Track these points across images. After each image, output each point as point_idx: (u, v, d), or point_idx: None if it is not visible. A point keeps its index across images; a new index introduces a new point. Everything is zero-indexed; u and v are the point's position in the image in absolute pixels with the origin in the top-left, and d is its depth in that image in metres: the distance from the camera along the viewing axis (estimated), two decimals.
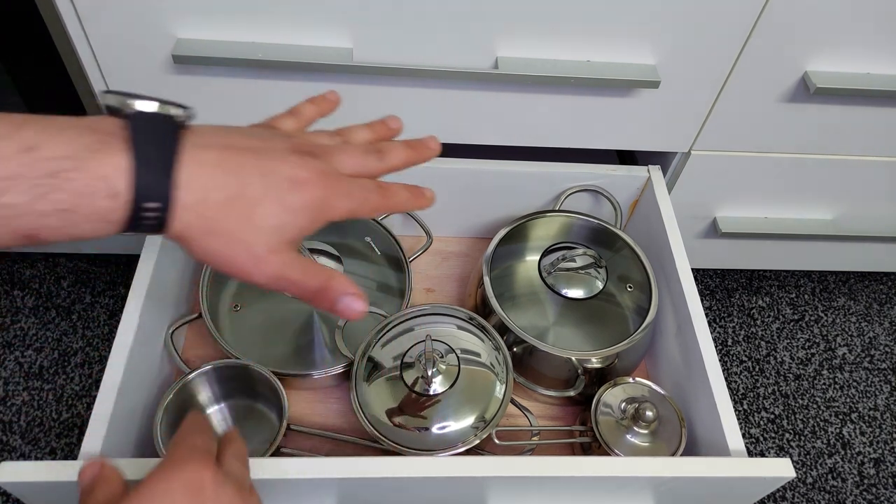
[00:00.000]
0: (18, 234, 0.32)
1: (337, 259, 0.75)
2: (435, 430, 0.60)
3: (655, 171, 0.78)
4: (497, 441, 0.62)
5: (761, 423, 0.98)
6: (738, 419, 0.97)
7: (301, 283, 0.38)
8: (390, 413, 0.61)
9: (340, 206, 0.40)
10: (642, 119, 0.72)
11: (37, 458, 0.86)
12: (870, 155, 0.79)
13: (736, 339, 1.06)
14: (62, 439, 0.87)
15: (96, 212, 0.32)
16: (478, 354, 0.64)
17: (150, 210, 0.33)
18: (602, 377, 0.67)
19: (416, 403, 0.61)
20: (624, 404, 0.64)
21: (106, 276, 1.02)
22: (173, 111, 0.35)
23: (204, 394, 0.65)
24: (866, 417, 1.00)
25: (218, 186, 0.35)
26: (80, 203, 0.31)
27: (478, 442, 0.60)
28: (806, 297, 1.13)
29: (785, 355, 1.05)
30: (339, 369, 0.66)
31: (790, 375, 1.03)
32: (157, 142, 0.33)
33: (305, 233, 0.39)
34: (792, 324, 1.09)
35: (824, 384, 1.03)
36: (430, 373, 0.61)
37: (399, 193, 0.44)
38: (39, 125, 0.31)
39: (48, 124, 0.32)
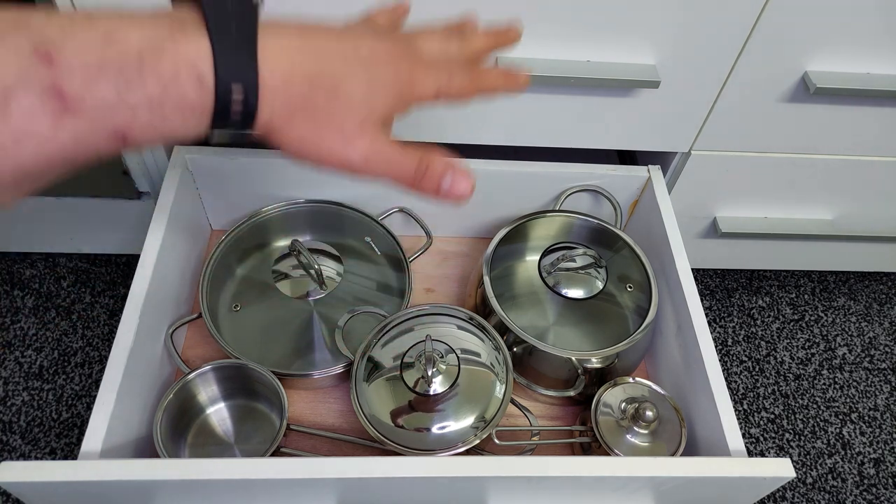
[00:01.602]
0: (111, 132, 0.30)
1: (337, 259, 0.75)
2: (435, 430, 0.60)
3: (655, 171, 0.78)
4: (497, 441, 0.62)
5: (761, 423, 0.98)
6: (738, 419, 0.97)
7: (397, 162, 0.37)
8: (390, 413, 0.61)
9: (427, 82, 0.38)
10: (642, 119, 0.72)
11: (37, 458, 0.86)
12: (870, 155, 0.79)
13: (736, 339, 1.06)
14: (62, 439, 0.87)
15: (184, 99, 0.31)
16: (478, 354, 0.64)
17: (236, 93, 0.32)
18: (602, 377, 0.67)
19: (415, 403, 0.61)
20: (624, 404, 0.64)
21: (106, 276, 1.02)
22: None
23: (204, 394, 0.65)
24: (866, 417, 1.00)
25: (300, 65, 0.34)
26: (167, 91, 0.31)
27: (478, 442, 0.60)
28: (806, 297, 1.13)
29: (785, 355, 1.05)
30: (339, 369, 0.66)
31: (790, 375, 1.03)
32: (235, 22, 0.32)
33: (395, 111, 0.38)
34: (792, 324, 1.09)
35: (824, 384, 1.03)
36: (430, 373, 0.61)
37: (490, 73, 0.42)
38: (110, 17, 0.30)
39: (119, 15, 0.31)
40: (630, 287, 0.70)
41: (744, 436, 0.95)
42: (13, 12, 0.28)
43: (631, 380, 0.66)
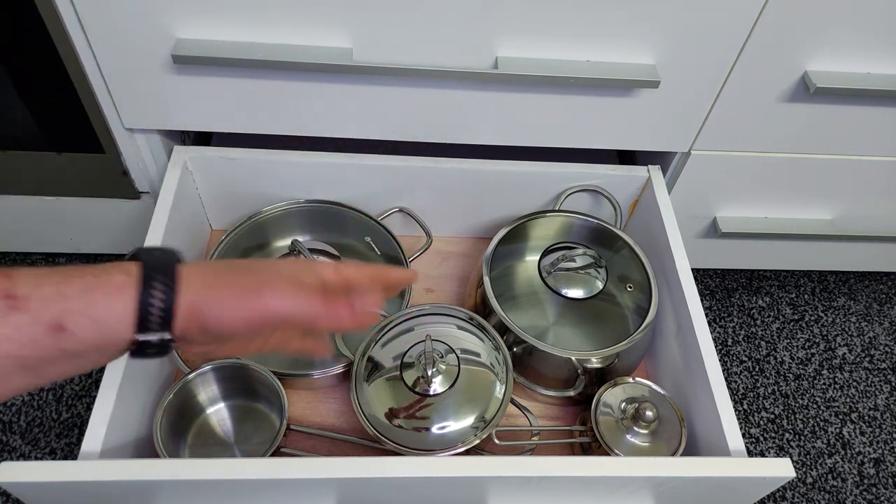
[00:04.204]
0: (48, 323, 0.36)
1: (337, 259, 0.75)
2: (435, 430, 0.60)
3: (655, 171, 0.78)
4: (497, 441, 0.62)
5: (761, 423, 0.98)
6: (738, 419, 0.97)
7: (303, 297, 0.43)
8: (390, 413, 0.61)
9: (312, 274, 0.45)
10: (642, 119, 0.72)
11: (37, 458, 0.86)
12: (870, 155, 0.79)
13: (736, 339, 1.06)
14: (62, 439, 0.87)
15: (110, 282, 0.37)
16: (478, 354, 0.64)
17: (158, 281, 0.38)
18: (602, 377, 0.67)
19: (416, 403, 0.61)
20: (624, 404, 0.64)
21: None
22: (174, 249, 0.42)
23: (204, 394, 0.65)
24: (866, 417, 0.99)
25: (212, 266, 0.43)
26: (99, 278, 0.37)
27: (478, 442, 0.60)
28: (806, 297, 1.13)
29: (785, 355, 1.05)
30: (339, 369, 0.66)
31: (790, 375, 1.03)
32: (163, 262, 0.40)
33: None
34: (792, 324, 1.09)
35: (824, 384, 1.03)
36: (430, 373, 0.61)
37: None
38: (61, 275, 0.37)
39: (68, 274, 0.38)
40: (630, 287, 0.70)
41: (744, 436, 0.95)
42: None
43: (631, 380, 0.66)
